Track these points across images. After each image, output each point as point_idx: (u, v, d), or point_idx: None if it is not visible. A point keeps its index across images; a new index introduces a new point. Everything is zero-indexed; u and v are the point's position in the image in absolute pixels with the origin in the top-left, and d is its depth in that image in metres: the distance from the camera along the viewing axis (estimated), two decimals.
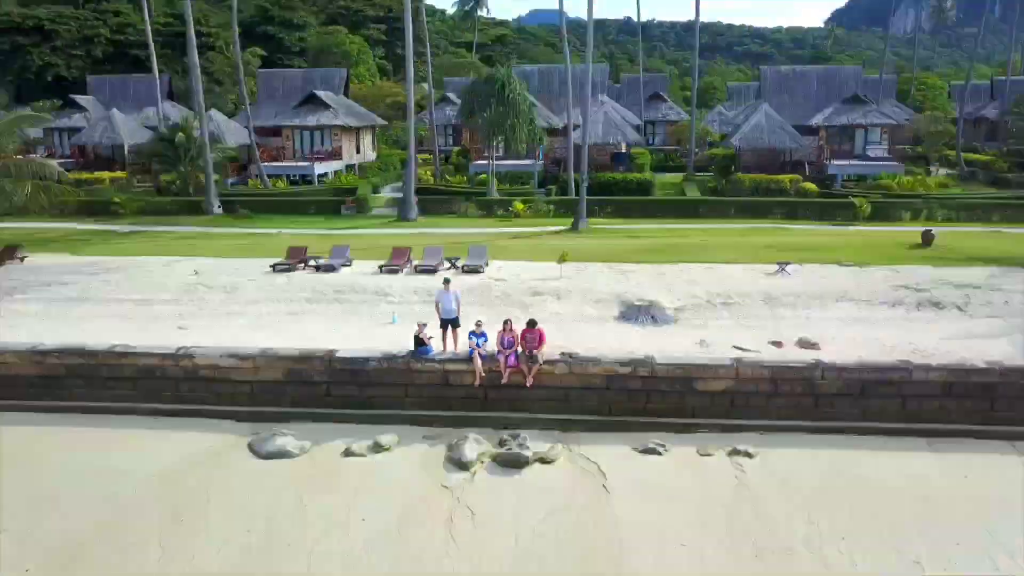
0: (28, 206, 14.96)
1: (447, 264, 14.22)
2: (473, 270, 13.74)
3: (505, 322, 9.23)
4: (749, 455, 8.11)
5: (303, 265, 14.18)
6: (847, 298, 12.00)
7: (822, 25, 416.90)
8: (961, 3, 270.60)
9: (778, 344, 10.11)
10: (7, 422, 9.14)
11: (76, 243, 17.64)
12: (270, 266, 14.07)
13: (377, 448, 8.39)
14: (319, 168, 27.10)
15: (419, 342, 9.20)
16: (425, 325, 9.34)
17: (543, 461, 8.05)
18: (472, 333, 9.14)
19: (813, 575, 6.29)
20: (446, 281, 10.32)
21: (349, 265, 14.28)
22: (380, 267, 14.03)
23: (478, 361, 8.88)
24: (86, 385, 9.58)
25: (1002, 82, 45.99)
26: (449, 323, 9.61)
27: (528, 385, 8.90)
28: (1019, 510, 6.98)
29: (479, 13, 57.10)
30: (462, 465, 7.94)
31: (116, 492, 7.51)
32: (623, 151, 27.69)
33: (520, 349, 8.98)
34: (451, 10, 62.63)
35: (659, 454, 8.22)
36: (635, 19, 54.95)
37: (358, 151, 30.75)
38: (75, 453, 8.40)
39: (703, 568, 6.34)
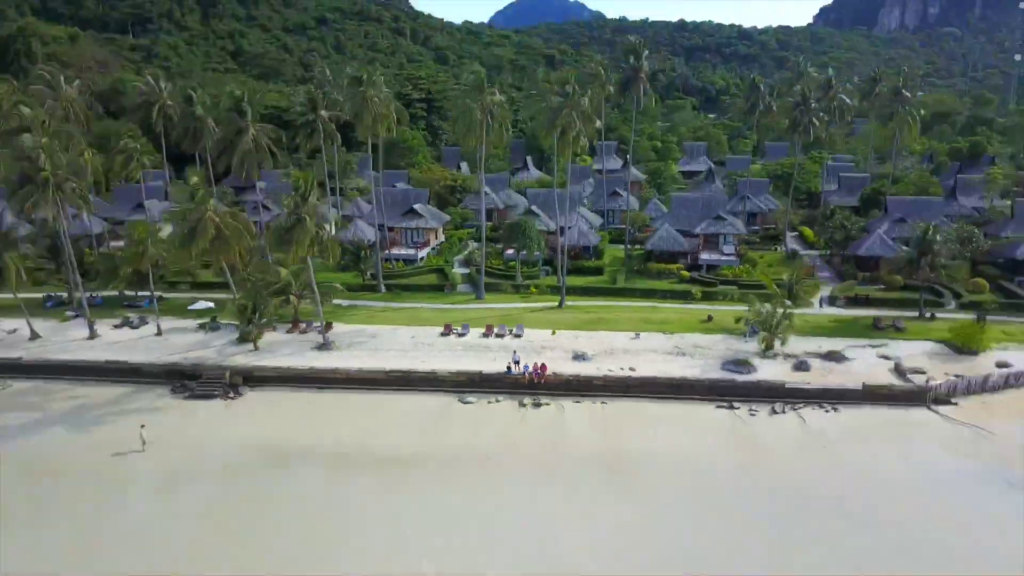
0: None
1: (508, 331, 34.26)
2: (518, 335, 33.76)
3: (535, 363, 29.38)
4: (604, 403, 28.19)
5: (449, 332, 34.21)
6: (653, 350, 31.97)
7: (811, 20, 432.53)
8: (944, 1, 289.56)
9: (624, 369, 30.20)
10: (382, 394, 29.36)
11: (336, 314, 37.26)
12: (440, 333, 34.06)
13: (497, 401, 28.60)
14: (420, 252, 47.20)
15: (508, 368, 29.46)
16: (513, 360, 29.66)
17: (547, 405, 28.16)
18: (516, 360, 29.44)
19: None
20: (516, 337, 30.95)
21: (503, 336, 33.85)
22: (482, 334, 34.00)
23: (524, 372, 29.13)
24: (402, 381, 29.71)
25: (833, 167, 64.02)
26: (515, 362, 29.88)
27: (542, 382, 29.01)
28: (713, 427, 27.05)
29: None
30: (523, 405, 28.10)
31: (423, 409, 27.66)
32: (590, 244, 47.31)
33: (540, 371, 29.16)
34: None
35: (580, 403, 28.37)
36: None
37: (436, 237, 50.71)
38: (383, 403, 28.65)
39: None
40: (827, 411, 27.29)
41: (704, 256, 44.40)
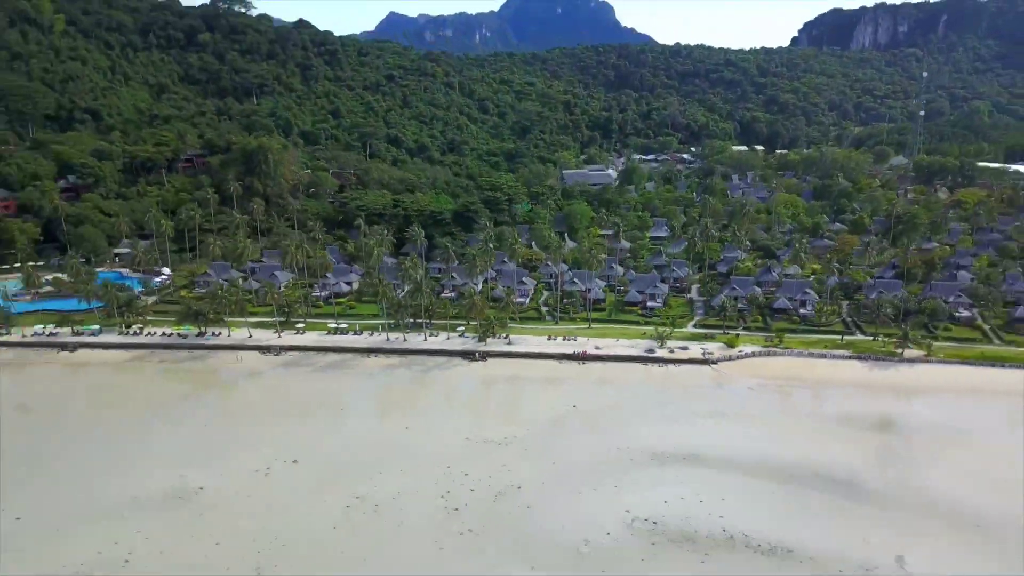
0: None
1: (571, 338, 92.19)
2: (573, 339, 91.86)
3: (583, 350, 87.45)
4: (603, 364, 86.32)
5: (550, 338, 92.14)
6: (621, 344, 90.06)
7: (796, 34, 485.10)
8: (912, 22, 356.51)
9: (612, 350, 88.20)
10: (532, 359, 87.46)
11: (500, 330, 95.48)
12: (547, 338, 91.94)
13: (568, 363, 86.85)
14: (527, 300, 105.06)
15: (573, 351, 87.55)
16: (575, 348, 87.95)
17: (585, 364, 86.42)
18: (575, 348, 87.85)
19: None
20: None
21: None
22: (562, 339, 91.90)
23: (576, 352, 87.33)
24: (541, 356, 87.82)
25: (729, 248, 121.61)
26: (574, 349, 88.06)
27: (584, 354, 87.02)
28: (639, 371, 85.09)
29: None
30: (581, 364, 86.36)
31: (548, 365, 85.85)
32: (600, 296, 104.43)
33: (583, 352, 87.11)
34: None
35: (596, 363, 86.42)
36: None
37: (529, 292, 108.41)
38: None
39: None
40: (677, 366, 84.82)
41: (649, 303, 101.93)
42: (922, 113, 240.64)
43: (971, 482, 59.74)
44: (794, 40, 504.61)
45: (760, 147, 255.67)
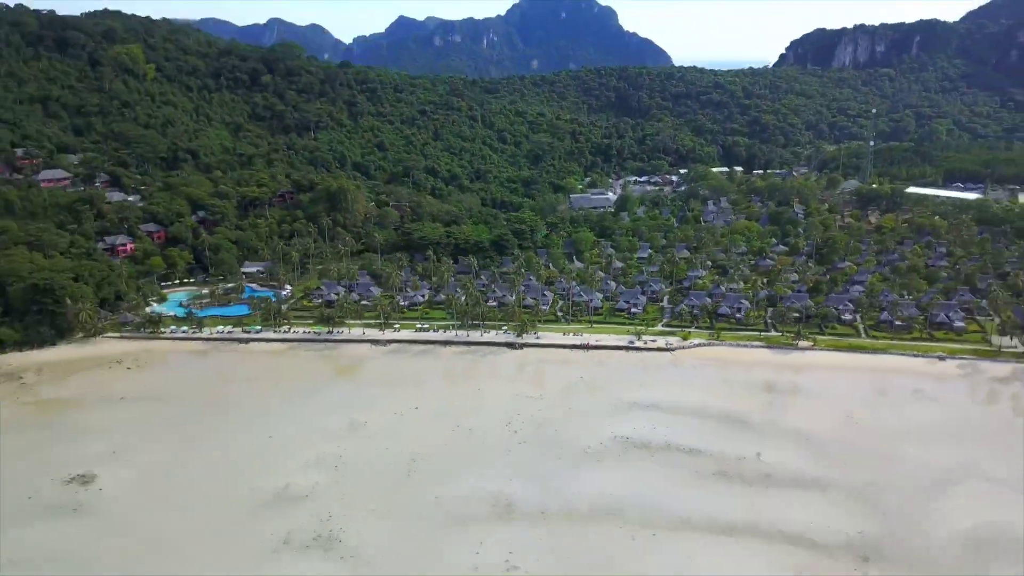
0: None
1: (579, 334, 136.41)
2: (579, 335, 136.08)
3: (587, 342, 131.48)
4: (603, 352, 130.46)
5: (564, 335, 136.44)
6: (611, 338, 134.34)
7: (783, 52, 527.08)
8: (888, 42, 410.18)
9: (604, 342, 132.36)
10: (564, 350, 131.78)
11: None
12: (562, 334, 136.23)
13: (578, 350, 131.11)
14: (547, 307, 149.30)
15: (581, 343, 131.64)
16: (582, 341, 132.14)
17: (589, 351, 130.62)
18: (584, 341, 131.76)
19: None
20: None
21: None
22: (573, 335, 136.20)
23: (585, 343, 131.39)
24: (568, 347, 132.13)
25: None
26: (584, 341, 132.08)
27: (589, 346, 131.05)
28: (621, 355, 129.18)
29: None
30: (586, 351, 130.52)
31: (570, 352, 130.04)
32: (599, 305, 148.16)
33: (587, 343, 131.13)
34: None
35: (597, 351, 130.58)
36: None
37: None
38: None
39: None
40: (648, 352, 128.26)
41: (632, 310, 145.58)
42: (872, 144, 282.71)
43: (815, 420, 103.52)
44: (782, 57, 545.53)
45: (739, 168, 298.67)
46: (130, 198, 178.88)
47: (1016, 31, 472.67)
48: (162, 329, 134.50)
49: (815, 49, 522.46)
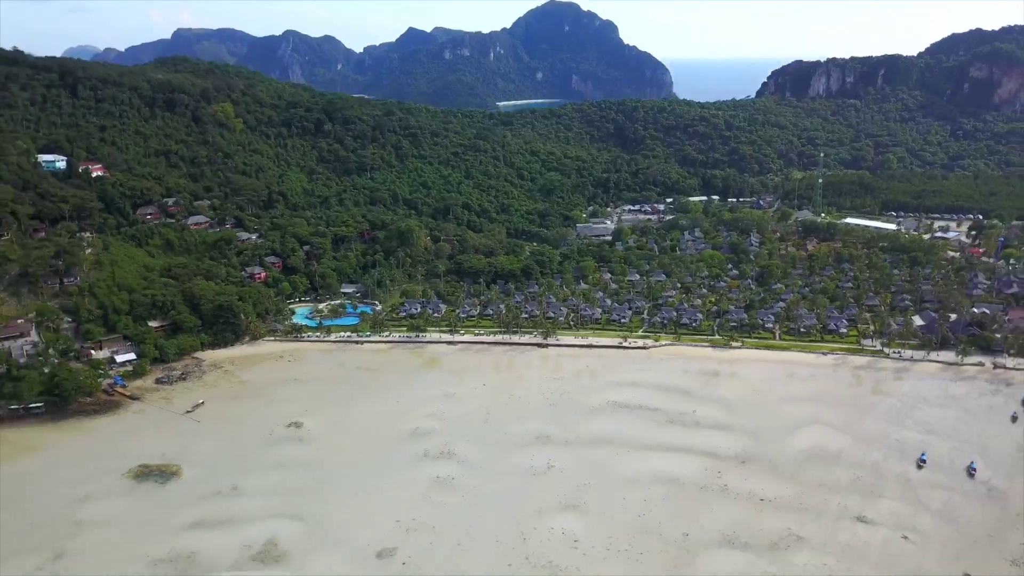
0: None
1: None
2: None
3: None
4: (602, 349, 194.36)
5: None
6: (606, 339, 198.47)
7: (765, 81, 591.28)
8: (856, 74, 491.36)
9: (600, 343, 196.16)
10: (576, 347, 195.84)
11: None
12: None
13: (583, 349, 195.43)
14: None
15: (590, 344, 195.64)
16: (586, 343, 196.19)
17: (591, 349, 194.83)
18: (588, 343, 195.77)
19: None
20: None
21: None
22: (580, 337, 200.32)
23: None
24: (574, 346, 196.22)
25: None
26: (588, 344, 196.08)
27: (591, 346, 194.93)
28: (615, 352, 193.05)
29: None
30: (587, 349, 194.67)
31: (579, 349, 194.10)
32: (598, 316, 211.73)
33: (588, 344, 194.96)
34: None
35: (600, 348, 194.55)
36: None
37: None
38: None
39: None
40: (630, 350, 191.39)
41: (621, 320, 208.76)
42: (820, 180, 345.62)
43: (733, 392, 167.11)
44: (764, 85, 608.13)
45: (716, 197, 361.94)
46: (252, 236, 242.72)
47: (968, 66, 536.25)
48: (302, 335, 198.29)
49: (793, 79, 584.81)
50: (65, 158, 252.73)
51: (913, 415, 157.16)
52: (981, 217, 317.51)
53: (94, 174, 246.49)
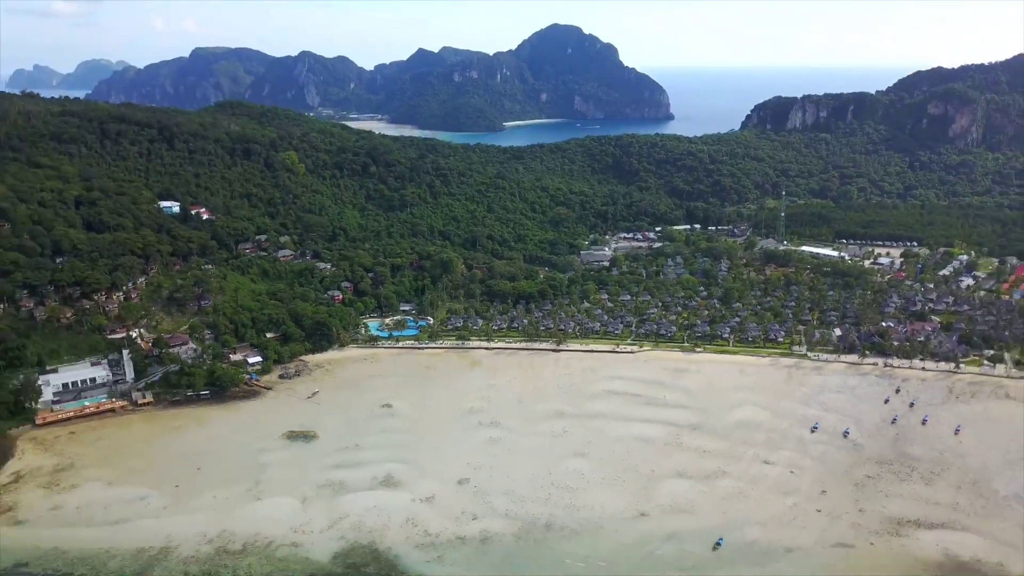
0: None
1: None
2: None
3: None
4: (596, 352, 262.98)
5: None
6: (606, 345, 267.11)
7: (748, 114, 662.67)
8: (829, 109, 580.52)
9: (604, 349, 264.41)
10: (583, 351, 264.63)
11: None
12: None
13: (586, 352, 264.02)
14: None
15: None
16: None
17: (590, 354, 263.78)
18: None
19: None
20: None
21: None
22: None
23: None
24: (580, 350, 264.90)
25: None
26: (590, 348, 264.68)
27: (592, 350, 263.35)
28: (611, 356, 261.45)
29: None
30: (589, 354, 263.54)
31: (587, 355, 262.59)
32: (596, 328, 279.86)
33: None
34: None
35: (600, 352, 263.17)
36: None
37: None
38: None
39: None
40: (622, 354, 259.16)
41: (615, 332, 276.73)
42: (783, 213, 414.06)
43: (693, 384, 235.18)
44: (748, 117, 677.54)
45: (698, 225, 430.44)
46: (327, 266, 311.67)
47: (927, 103, 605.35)
48: (377, 343, 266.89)
49: (773, 113, 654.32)
50: (178, 203, 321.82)
51: (817, 399, 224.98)
52: (916, 245, 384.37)
53: (204, 217, 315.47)
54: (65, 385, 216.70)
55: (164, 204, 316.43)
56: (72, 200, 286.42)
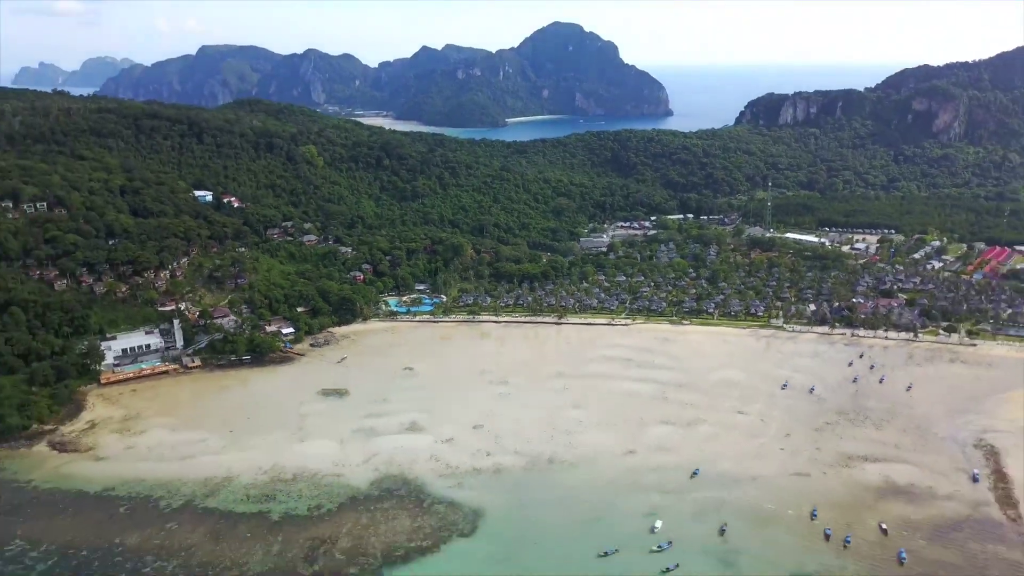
0: None
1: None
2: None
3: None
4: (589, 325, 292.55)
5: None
6: (601, 318, 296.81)
7: (742, 109, 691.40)
8: (819, 105, 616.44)
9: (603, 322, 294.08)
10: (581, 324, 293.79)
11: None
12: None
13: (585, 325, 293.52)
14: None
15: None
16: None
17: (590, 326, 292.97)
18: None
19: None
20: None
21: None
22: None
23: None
24: (579, 323, 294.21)
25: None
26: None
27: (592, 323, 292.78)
28: (607, 328, 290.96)
29: None
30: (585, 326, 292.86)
31: (586, 327, 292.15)
32: (593, 304, 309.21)
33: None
34: None
35: (600, 324, 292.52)
36: None
37: None
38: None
39: None
40: (617, 326, 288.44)
41: (611, 308, 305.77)
42: (769, 203, 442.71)
43: (680, 351, 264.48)
44: (741, 113, 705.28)
45: (691, 215, 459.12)
46: (348, 249, 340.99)
47: (911, 100, 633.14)
48: (396, 317, 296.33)
49: (766, 109, 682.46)
50: (211, 192, 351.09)
51: (789, 363, 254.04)
52: (893, 232, 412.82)
53: (234, 205, 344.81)
54: (124, 350, 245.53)
55: (198, 193, 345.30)
56: (117, 189, 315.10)
